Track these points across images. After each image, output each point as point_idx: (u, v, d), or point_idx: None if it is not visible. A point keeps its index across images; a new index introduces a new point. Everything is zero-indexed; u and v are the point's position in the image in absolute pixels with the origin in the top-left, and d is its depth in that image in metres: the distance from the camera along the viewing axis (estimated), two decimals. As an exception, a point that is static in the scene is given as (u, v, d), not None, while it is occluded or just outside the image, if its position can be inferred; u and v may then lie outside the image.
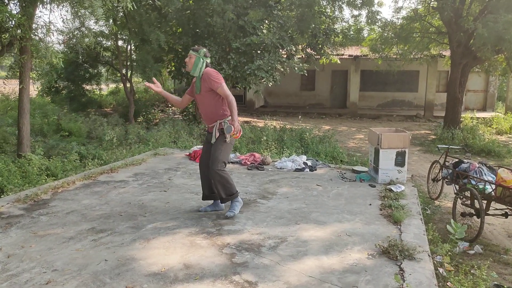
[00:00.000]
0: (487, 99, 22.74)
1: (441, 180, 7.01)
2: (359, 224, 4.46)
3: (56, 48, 7.68)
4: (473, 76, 20.21)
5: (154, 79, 4.63)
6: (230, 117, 4.43)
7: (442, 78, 22.23)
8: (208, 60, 4.50)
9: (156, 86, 4.55)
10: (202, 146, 8.11)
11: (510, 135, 15.18)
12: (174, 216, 4.54)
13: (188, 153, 7.81)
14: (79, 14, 7.65)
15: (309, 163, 7.14)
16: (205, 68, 4.44)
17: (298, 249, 3.78)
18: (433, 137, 14.46)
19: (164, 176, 6.27)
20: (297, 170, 6.85)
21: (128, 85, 14.26)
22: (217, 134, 4.45)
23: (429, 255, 3.74)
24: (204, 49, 4.46)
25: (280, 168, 6.97)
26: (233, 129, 4.33)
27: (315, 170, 6.92)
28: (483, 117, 18.30)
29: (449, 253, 4.39)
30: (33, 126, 11.17)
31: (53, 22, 8.02)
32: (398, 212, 4.70)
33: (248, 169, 6.89)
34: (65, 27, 8.73)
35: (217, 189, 4.51)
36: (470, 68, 14.61)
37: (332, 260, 3.59)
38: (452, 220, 4.60)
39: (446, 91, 16.88)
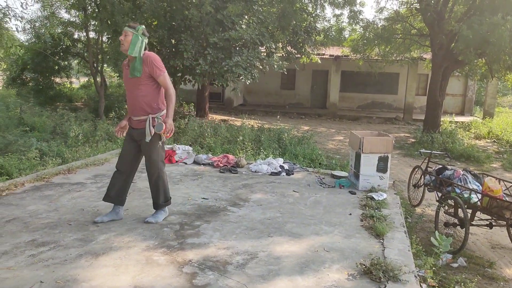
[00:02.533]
0: (465, 103, 22.83)
1: (423, 186, 6.71)
2: (338, 237, 4.03)
3: (16, 36, 7.00)
4: (452, 80, 20.19)
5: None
6: (163, 112, 3.97)
7: (422, 81, 22.18)
8: (146, 40, 3.98)
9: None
10: (169, 146, 7.64)
11: (488, 140, 15.11)
12: (131, 226, 4.02)
13: (156, 153, 7.26)
14: (43, 1, 7.02)
15: (286, 166, 6.71)
16: (145, 49, 3.94)
17: (270, 268, 3.32)
18: (413, 140, 14.26)
19: (127, 179, 5.71)
20: (273, 174, 6.41)
21: (98, 78, 13.55)
22: (152, 132, 3.90)
23: (415, 276, 3.34)
24: (142, 26, 3.95)
25: (255, 172, 6.51)
26: (164, 127, 3.83)
27: (292, 174, 6.49)
28: (462, 121, 18.26)
29: (433, 268, 4.04)
30: (-7, 119, 10.42)
31: (12, 7, 7.43)
32: (381, 224, 4.31)
33: (221, 172, 6.40)
34: (25, 13, 8.05)
35: (156, 195, 4.11)
36: (451, 72, 14.46)
37: (307, 281, 3.15)
38: (436, 232, 4.25)
39: (425, 94, 16.75)
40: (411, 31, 15.56)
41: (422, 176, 6.74)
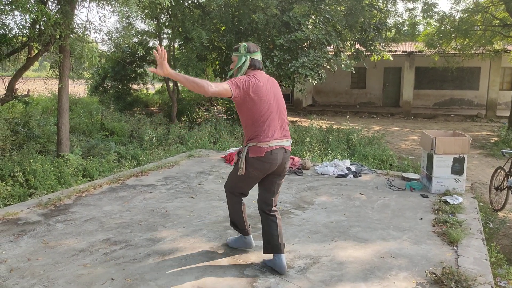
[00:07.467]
0: (558, 98, 20.72)
1: (506, 189, 6.19)
2: (407, 243, 3.84)
3: (94, 47, 7.52)
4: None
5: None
6: (252, 145, 3.28)
7: (506, 75, 20.49)
8: (257, 57, 3.41)
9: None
10: (238, 148, 7.76)
11: None
12: (197, 227, 4.14)
13: (224, 155, 7.43)
14: (115, 12, 7.49)
15: (353, 168, 6.52)
16: (249, 67, 3.38)
17: (332, 273, 3.24)
18: (496, 139, 13.21)
19: (195, 181, 5.90)
20: (339, 176, 6.26)
21: (171, 84, 14.15)
22: (236, 158, 3.52)
23: (492, 288, 3.08)
24: (244, 44, 3.44)
25: (321, 174, 6.40)
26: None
27: (360, 176, 6.29)
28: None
29: (516, 278, 3.71)
30: (79, 125, 11.30)
31: (92, 21, 8.08)
32: (455, 230, 4.03)
33: (286, 174, 6.38)
34: (103, 26, 8.63)
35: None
36: (540, 64, 13.22)
37: (371, 289, 3.03)
38: (520, 240, 3.89)
39: (511, 89, 15.46)
40: (493, 22, 14.44)
41: (506, 178, 6.24)
